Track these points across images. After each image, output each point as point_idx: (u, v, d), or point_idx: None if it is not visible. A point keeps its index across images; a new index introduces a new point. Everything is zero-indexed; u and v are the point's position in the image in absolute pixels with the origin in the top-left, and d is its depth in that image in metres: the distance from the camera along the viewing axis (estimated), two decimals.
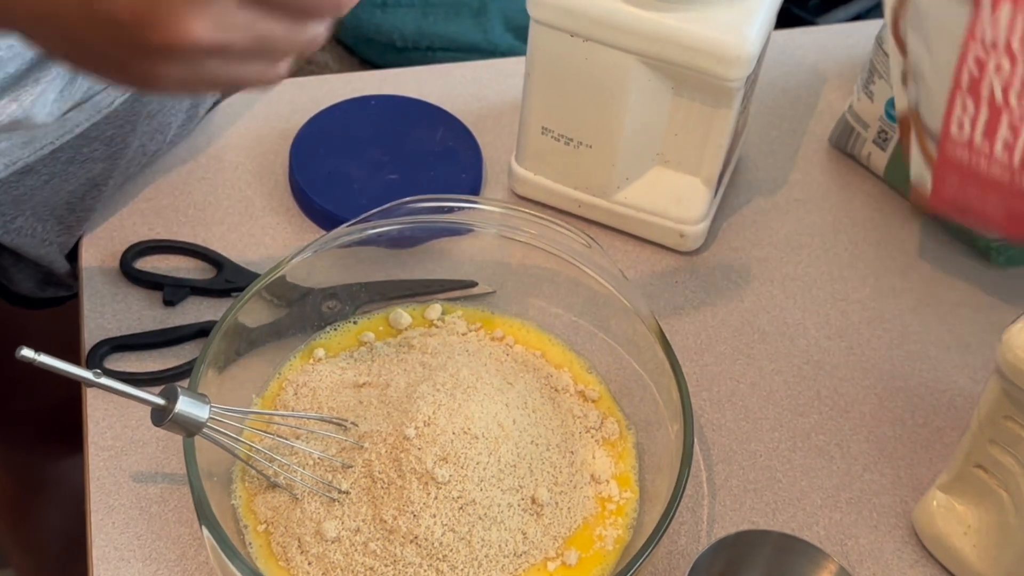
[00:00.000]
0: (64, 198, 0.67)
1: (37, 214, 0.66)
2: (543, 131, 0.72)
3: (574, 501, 0.59)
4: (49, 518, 1.04)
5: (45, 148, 0.64)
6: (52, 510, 1.03)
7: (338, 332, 0.65)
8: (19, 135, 0.63)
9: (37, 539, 1.06)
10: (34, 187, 0.65)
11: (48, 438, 0.95)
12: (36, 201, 0.65)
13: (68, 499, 1.01)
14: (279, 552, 0.56)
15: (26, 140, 0.63)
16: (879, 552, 0.61)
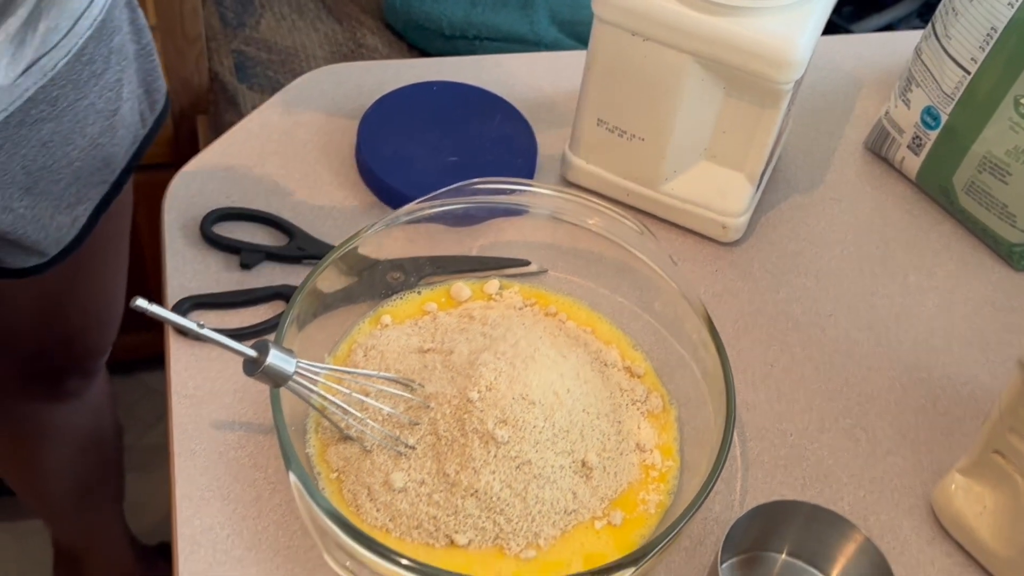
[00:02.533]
0: (19, 163, 0.67)
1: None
2: (599, 123, 0.77)
3: (620, 466, 0.63)
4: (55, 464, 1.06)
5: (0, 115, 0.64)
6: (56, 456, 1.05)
7: (403, 301, 0.70)
8: None
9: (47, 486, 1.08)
10: None
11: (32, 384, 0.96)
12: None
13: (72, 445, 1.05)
14: (349, 498, 0.61)
15: None
16: (899, 528, 0.66)
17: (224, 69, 1.16)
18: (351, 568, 0.55)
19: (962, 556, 0.65)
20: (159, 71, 0.78)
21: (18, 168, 0.67)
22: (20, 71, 0.64)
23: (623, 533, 0.61)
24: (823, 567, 0.62)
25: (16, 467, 1.07)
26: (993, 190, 0.78)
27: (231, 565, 0.59)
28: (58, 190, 0.70)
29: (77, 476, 1.09)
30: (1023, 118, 0.74)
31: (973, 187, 0.79)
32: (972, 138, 0.77)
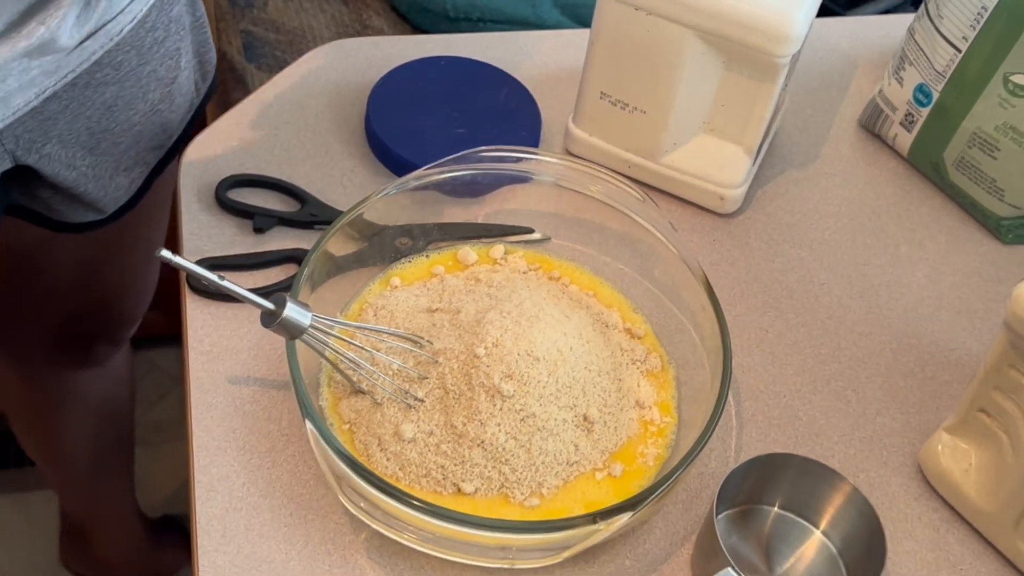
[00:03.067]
0: (84, 124, 0.70)
1: (63, 141, 0.69)
2: (601, 96, 0.79)
3: (620, 421, 0.66)
4: (75, 431, 1.08)
5: (68, 76, 0.67)
6: (77, 423, 1.08)
7: (412, 264, 0.73)
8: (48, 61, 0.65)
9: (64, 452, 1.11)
10: (57, 112, 0.67)
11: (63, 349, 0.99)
12: (61, 128, 0.68)
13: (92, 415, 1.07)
14: (361, 448, 0.63)
15: (51, 69, 0.66)
16: (887, 485, 0.69)
17: (232, 49, 1.19)
18: (365, 509, 0.58)
19: (948, 512, 0.68)
20: (211, 43, 0.81)
21: (83, 128, 0.71)
22: (85, 34, 0.67)
23: (623, 483, 0.64)
24: (814, 520, 0.65)
25: (37, 432, 1.09)
26: (982, 165, 0.80)
27: (246, 511, 0.62)
28: (118, 152, 0.73)
29: (95, 444, 1.11)
30: (1012, 95, 0.77)
31: (963, 162, 0.81)
32: (962, 114, 0.80)
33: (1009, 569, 0.66)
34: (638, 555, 0.64)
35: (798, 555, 0.64)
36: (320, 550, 0.61)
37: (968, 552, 0.66)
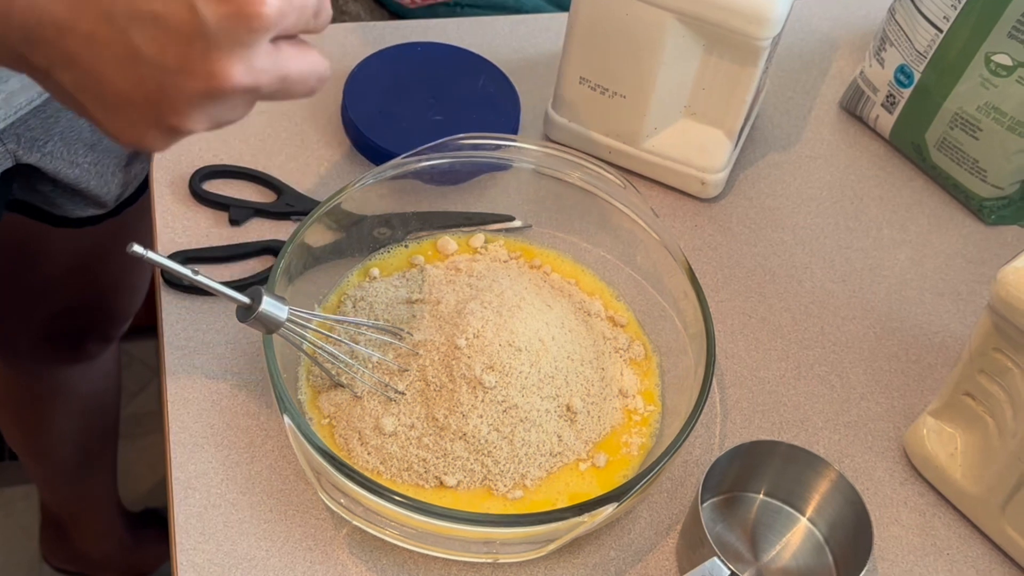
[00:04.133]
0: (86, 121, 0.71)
1: (65, 138, 0.69)
2: (581, 80, 0.78)
3: (604, 411, 0.65)
4: (61, 426, 1.07)
5: None
6: (64, 419, 1.07)
7: (391, 254, 0.72)
8: None
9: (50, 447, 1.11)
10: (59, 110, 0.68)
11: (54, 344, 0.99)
12: (63, 125, 0.68)
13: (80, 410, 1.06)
14: (341, 443, 0.62)
15: None
16: (872, 470, 0.68)
17: None
18: (345, 505, 0.57)
19: (934, 496, 0.68)
20: None
21: (85, 125, 0.70)
22: None
23: (607, 474, 0.63)
24: (799, 506, 0.65)
25: (24, 426, 1.08)
26: (964, 146, 0.80)
27: (225, 508, 0.61)
28: (119, 148, 0.72)
29: (80, 439, 1.10)
30: (993, 75, 0.76)
31: (945, 143, 0.81)
32: (944, 95, 0.79)
33: (996, 553, 0.66)
34: (623, 545, 0.63)
35: (784, 542, 0.64)
36: (301, 546, 0.60)
37: (955, 536, 0.66)
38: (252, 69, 0.43)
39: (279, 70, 0.45)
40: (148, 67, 0.42)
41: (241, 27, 0.42)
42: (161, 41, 0.42)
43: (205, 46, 0.42)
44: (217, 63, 0.42)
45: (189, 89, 0.43)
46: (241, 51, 0.43)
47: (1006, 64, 0.75)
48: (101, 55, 0.42)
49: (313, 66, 0.47)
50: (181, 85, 0.43)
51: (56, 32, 0.42)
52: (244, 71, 0.43)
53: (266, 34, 0.43)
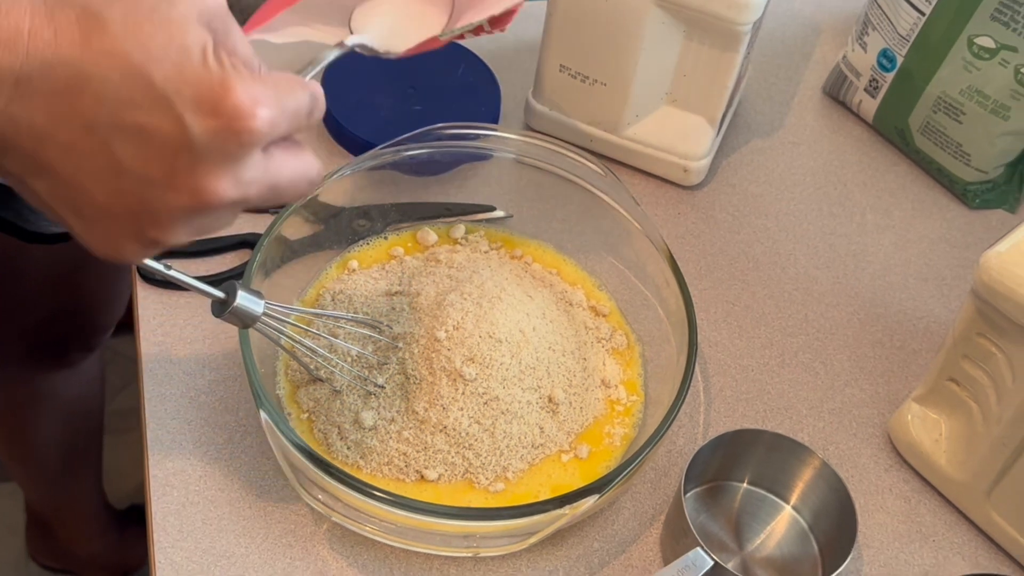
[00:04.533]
0: None
1: None
2: (561, 68, 0.77)
3: (586, 402, 0.64)
4: (45, 431, 1.07)
5: None
6: (47, 424, 1.06)
7: (370, 246, 0.71)
8: None
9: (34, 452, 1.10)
10: None
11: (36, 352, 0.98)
12: None
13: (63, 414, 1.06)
14: (320, 438, 0.61)
15: None
16: (857, 457, 0.68)
17: None
18: (324, 501, 0.56)
19: (919, 482, 0.67)
20: None
21: None
22: None
23: (589, 465, 0.63)
24: (783, 494, 0.64)
25: (6, 432, 1.08)
26: (948, 130, 0.79)
27: (203, 505, 0.60)
28: None
29: (64, 444, 1.09)
30: (976, 57, 0.76)
31: (928, 127, 0.80)
32: (927, 79, 0.79)
33: (982, 539, 0.65)
34: (607, 536, 0.63)
35: (769, 531, 0.63)
36: (281, 543, 0.59)
37: (940, 523, 0.66)
38: (240, 182, 0.41)
39: (269, 180, 0.42)
40: (130, 180, 0.40)
41: (231, 141, 0.40)
42: (145, 154, 0.40)
43: (192, 160, 0.40)
44: (204, 178, 0.40)
45: (173, 203, 0.40)
46: (230, 165, 0.40)
47: (989, 47, 0.75)
48: (80, 166, 0.40)
49: (305, 170, 0.44)
50: (165, 199, 0.40)
51: (33, 141, 0.40)
52: (232, 185, 0.41)
53: (257, 148, 0.41)
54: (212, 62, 0.40)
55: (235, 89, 0.39)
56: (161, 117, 0.39)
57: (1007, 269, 0.58)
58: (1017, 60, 0.74)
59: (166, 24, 0.39)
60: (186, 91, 0.39)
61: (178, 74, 0.39)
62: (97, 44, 0.39)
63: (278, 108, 0.41)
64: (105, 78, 0.39)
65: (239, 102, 0.39)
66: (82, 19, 0.39)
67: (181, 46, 0.39)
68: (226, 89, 0.39)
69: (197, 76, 0.39)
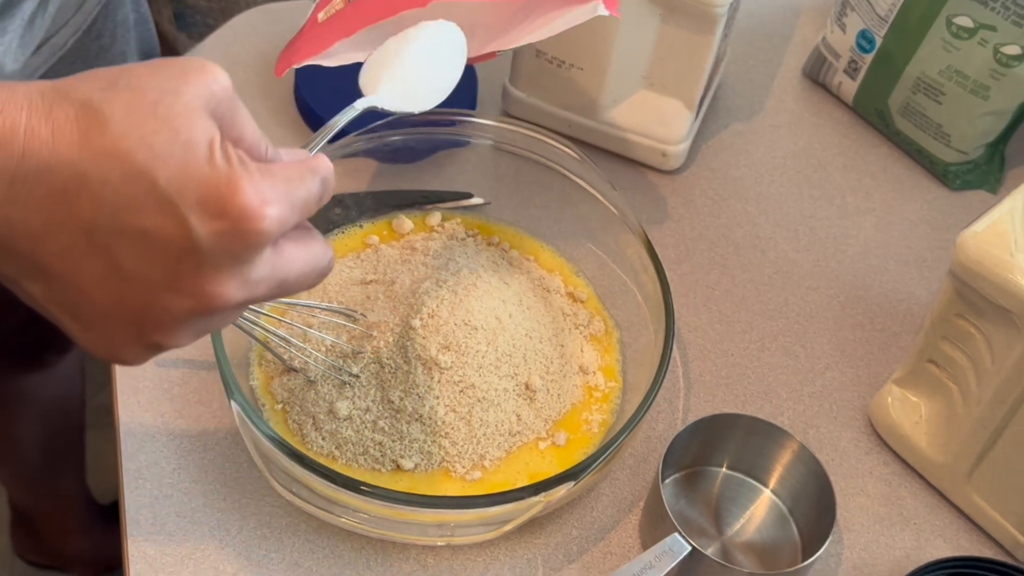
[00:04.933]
0: None
1: None
2: (537, 54, 0.77)
3: (564, 388, 0.64)
4: (24, 431, 1.06)
5: None
6: (27, 424, 1.06)
7: (345, 235, 0.70)
8: None
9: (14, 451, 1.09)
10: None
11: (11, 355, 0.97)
12: None
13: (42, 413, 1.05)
14: (295, 428, 0.61)
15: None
16: (837, 440, 0.67)
17: (163, 19, 1.15)
18: (298, 493, 0.56)
19: (899, 465, 0.67)
20: (155, 37, 0.77)
21: None
22: (30, 53, 0.63)
23: (567, 452, 0.62)
24: (763, 478, 0.64)
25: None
26: (928, 111, 0.79)
27: (177, 497, 0.59)
28: None
29: (45, 443, 1.09)
30: (955, 37, 0.75)
31: (908, 108, 0.80)
32: (906, 59, 0.78)
33: (963, 521, 0.65)
34: (585, 523, 0.62)
35: (748, 515, 0.63)
36: (255, 535, 0.59)
37: (921, 505, 0.65)
38: (247, 283, 0.39)
39: (278, 277, 0.40)
40: (132, 284, 0.38)
41: (238, 244, 0.38)
42: (148, 257, 0.38)
43: (197, 264, 0.38)
44: (210, 282, 0.38)
45: (177, 308, 0.39)
46: (237, 267, 0.38)
47: (967, 26, 0.74)
48: (79, 269, 0.38)
49: (315, 262, 0.42)
50: (168, 303, 0.39)
51: (30, 244, 0.38)
52: (238, 287, 0.39)
53: (265, 248, 0.39)
54: (219, 158, 0.37)
55: (242, 189, 0.37)
56: (164, 220, 0.37)
57: (984, 249, 0.57)
58: (996, 39, 0.74)
59: (171, 119, 0.37)
60: (191, 192, 0.37)
61: (182, 173, 0.37)
62: (97, 143, 0.37)
63: (287, 204, 0.39)
64: (105, 180, 0.37)
65: (247, 202, 0.37)
66: (81, 116, 0.37)
67: (186, 142, 0.37)
68: (233, 189, 0.37)
69: (202, 175, 0.37)
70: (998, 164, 0.82)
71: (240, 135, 0.40)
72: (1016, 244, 0.57)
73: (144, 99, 0.37)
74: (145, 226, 0.37)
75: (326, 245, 0.43)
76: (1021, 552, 0.63)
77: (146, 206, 0.37)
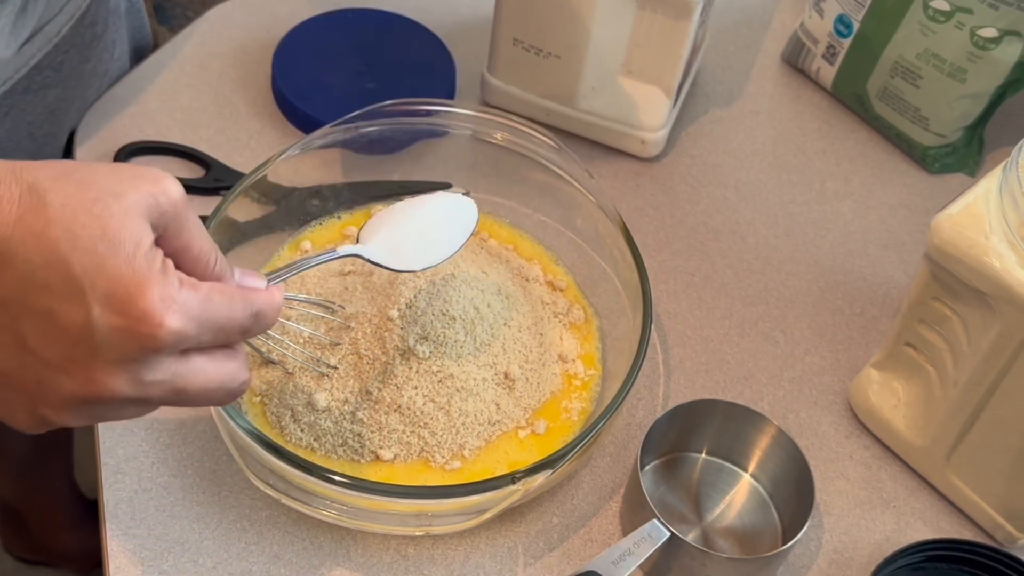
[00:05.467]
0: (26, 129, 0.68)
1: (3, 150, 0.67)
2: (514, 42, 0.76)
3: (543, 377, 0.64)
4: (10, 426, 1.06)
5: (7, 84, 0.65)
6: None
7: (323, 226, 0.70)
8: None
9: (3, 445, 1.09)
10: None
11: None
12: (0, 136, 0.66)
13: None
14: (273, 421, 0.61)
15: None
16: (817, 425, 0.68)
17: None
18: (275, 486, 0.56)
19: (879, 448, 0.67)
20: (147, 26, 0.78)
21: (24, 135, 0.68)
22: (23, 40, 0.64)
23: (546, 441, 0.62)
24: (742, 463, 0.64)
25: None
26: (906, 94, 0.79)
27: (156, 491, 0.59)
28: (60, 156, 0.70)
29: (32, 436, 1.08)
30: (932, 20, 0.75)
31: (886, 92, 0.80)
32: (883, 43, 0.78)
33: (943, 503, 0.65)
34: (566, 511, 0.62)
35: (728, 500, 0.63)
36: (235, 527, 0.59)
37: (901, 488, 0.66)
38: (138, 382, 0.41)
39: (176, 385, 0.42)
40: (30, 358, 0.40)
41: (131, 344, 0.40)
42: (47, 336, 0.40)
43: (90, 352, 0.40)
44: (98, 372, 0.40)
45: (65, 388, 0.41)
46: (127, 365, 0.40)
47: (944, 9, 0.74)
48: None
49: (222, 381, 0.44)
50: (58, 382, 0.41)
51: None
52: (127, 384, 0.41)
53: (160, 354, 0.40)
54: (140, 261, 0.40)
55: (148, 292, 0.39)
56: (70, 306, 0.39)
57: (958, 232, 0.57)
58: (972, 22, 0.74)
59: (104, 217, 0.39)
60: (101, 285, 0.39)
61: (97, 268, 0.39)
62: (30, 225, 0.39)
63: (195, 321, 0.41)
64: (28, 259, 0.39)
65: (149, 307, 0.39)
66: (24, 197, 0.40)
67: (112, 240, 0.39)
68: (140, 290, 0.39)
69: (116, 272, 0.39)
70: (976, 147, 0.82)
71: (185, 246, 0.42)
72: (991, 226, 0.57)
73: (86, 195, 0.40)
74: (51, 308, 0.39)
75: (244, 368, 0.45)
76: (1001, 533, 0.63)
77: (57, 290, 0.39)
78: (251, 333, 0.45)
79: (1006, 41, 0.74)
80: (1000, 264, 0.55)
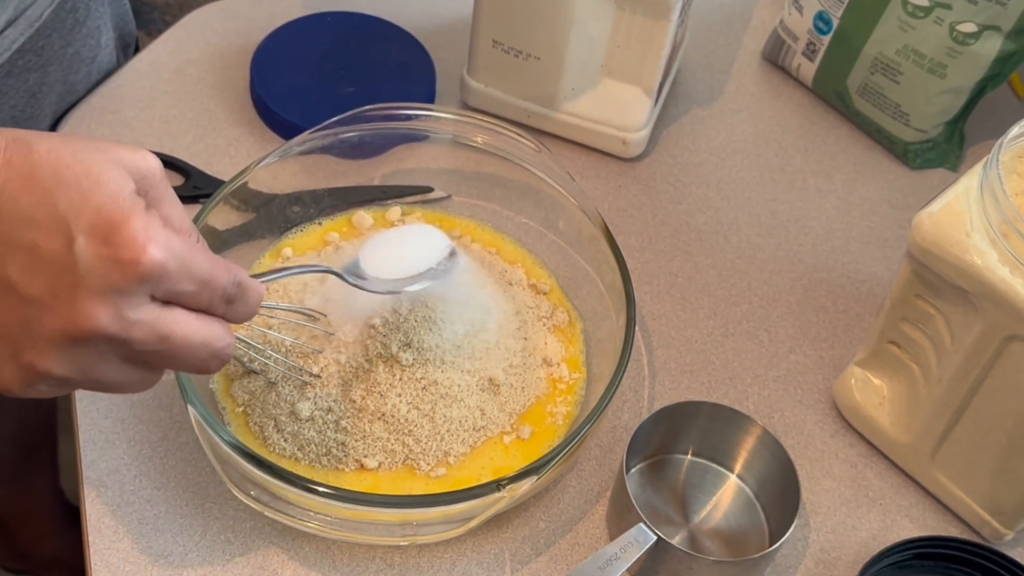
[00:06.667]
0: (8, 113, 0.68)
1: None
2: (494, 44, 0.76)
3: (528, 381, 0.64)
4: None
5: None
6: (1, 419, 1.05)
7: (304, 233, 0.70)
8: None
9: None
10: None
11: None
12: None
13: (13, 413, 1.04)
14: (256, 431, 0.60)
15: None
16: (802, 424, 0.68)
17: None
18: (258, 497, 0.55)
19: (864, 446, 0.67)
20: (130, 14, 0.77)
21: (7, 119, 0.67)
22: (4, 23, 0.64)
23: (532, 446, 0.62)
24: (727, 464, 0.64)
25: None
26: (886, 90, 0.79)
27: (139, 504, 0.59)
28: None
29: (16, 443, 1.08)
30: (911, 16, 0.75)
31: (867, 89, 0.80)
32: (863, 40, 0.78)
33: (929, 500, 0.65)
34: (552, 515, 0.62)
35: (715, 501, 0.63)
36: (219, 539, 0.58)
37: (887, 486, 0.66)
38: (121, 318, 0.40)
39: (159, 328, 0.41)
40: (13, 297, 0.40)
41: (114, 271, 0.40)
42: (31, 270, 0.40)
43: (73, 282, 0.40)
44: (82, 303, 0.40)
45: (49, 325, 0.40)
46: (111, 296, 0.40)
47: (923, 5, 0.74)
48: None
49: (207, 336, 0.43)
50: (42, 320, 0.40)
51: None
52: (110, 317, 0.40)
53: (143, 284, 0.40)
54: (124, 198, 0.40)
55: (132, 222, 0.40)
56: (54, 238, 0.40)
57: (939, 230, 0.57)
58: (951, 17, 0.74)
59: (88, 163, 0.40)
60: (85, 217, 0.40)
61: (82, 201, 0.40)
62: (17, 166, 0.40)
63: (176, 260, 0.41)
64: (14, 197, 0.40)
65: (131, 234, 0.39)
66: (11, 146, 0.41)
67: (98, 179, 0.40)
68: (124, 220, 0.39)
69: (101, 205, 0.40)
70: (957, 142, 0.82)
71: (166, 216, 0.42)
72: (972, 224, 0.57)
73: (71, 145, 0.41)
74: (35, 241, 0.40)
75: (229, 333, 0.44)
76: (987, 530, 0.64)
77: (41, 224, 0.40)
78: (234, 308, 0.44)
79: (985, 36, 0.74)
80: (982, 261, 0.55)
